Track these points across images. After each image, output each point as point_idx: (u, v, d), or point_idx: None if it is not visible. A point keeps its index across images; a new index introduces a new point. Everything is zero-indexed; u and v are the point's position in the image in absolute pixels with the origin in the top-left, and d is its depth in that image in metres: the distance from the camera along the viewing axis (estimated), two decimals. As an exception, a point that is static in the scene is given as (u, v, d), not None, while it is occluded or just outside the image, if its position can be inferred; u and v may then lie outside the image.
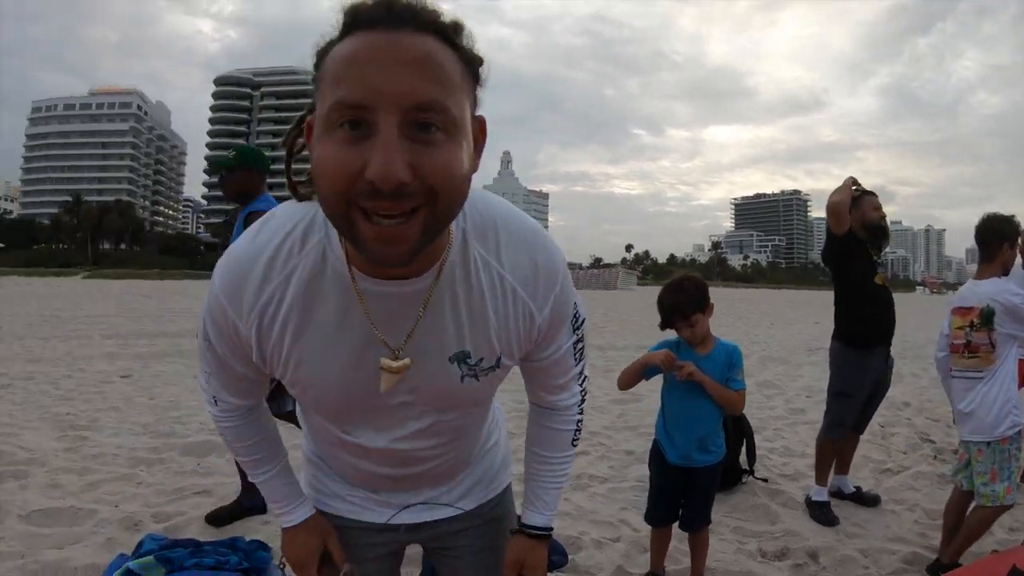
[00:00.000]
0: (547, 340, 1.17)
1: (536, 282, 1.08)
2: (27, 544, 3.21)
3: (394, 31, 0.82)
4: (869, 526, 3.77)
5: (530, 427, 1.39)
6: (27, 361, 9.08)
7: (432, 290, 1.02)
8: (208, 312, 1.09)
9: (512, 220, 1.08)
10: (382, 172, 0.78)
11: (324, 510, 1.39)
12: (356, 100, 0.80)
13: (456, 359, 1.09)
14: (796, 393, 7.99)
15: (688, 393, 2.82)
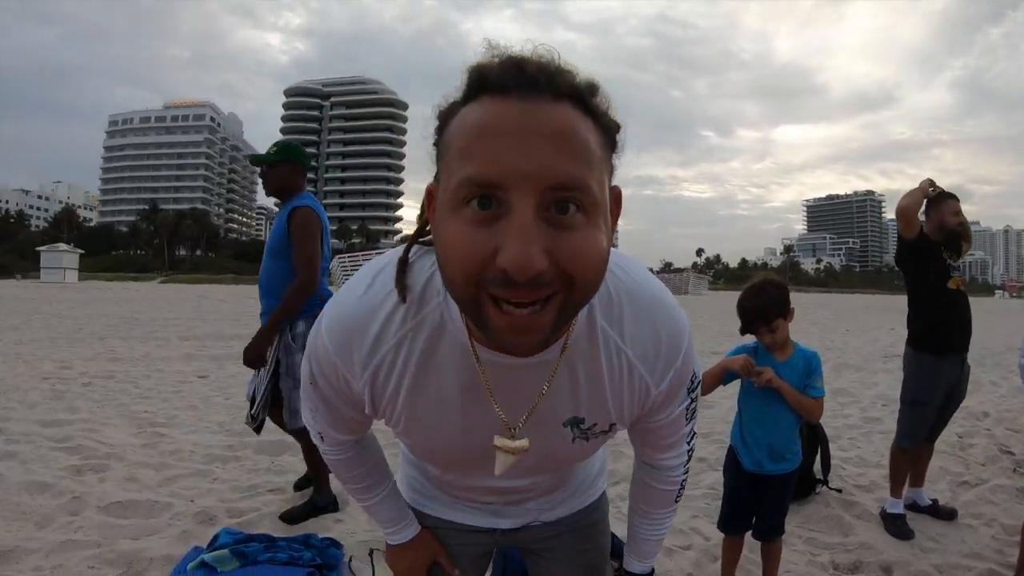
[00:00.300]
0: (661, 407, 1.12)
1: (656, 358, 1.03)
2: (104, 534, 3.31)
3: (528, 100, 0.75)
4: (945, 541, 3.62)
5: (634, 480, 1.37)
6: (107, 361, 9.41)
7: (557, 365, 0.97)
8: (316, 359, 1.05)
9: (638, 291, 1.02)
10: (518, 261, 0.71)
11: (421, 510, 1.40)
12: (489, 179, 0.73)
13: (570, 423, 1.06)
14: (871, 401, 7.75)
15: (766, 399, 2.77)
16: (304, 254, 3.43)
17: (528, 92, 0.75)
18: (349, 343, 0.99)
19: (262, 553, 2.42)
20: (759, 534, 2.90)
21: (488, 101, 0.77)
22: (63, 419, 5.64)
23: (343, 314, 1.00)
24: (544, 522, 1.41)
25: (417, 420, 1.04)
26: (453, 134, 0.79)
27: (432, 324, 0.97)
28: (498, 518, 1.38)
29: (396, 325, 0.97)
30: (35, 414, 5.85)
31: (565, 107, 0.76)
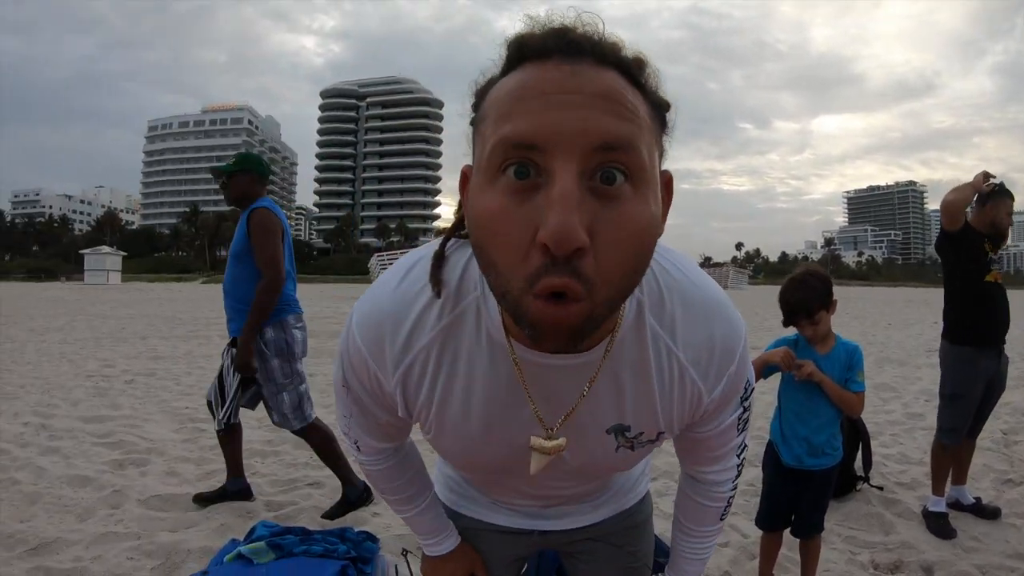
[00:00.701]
0: (713, 416, 1.04)
1: (710, 363, 0.95)
2: (144, 527, 3.38)
3: (571, 62, 0.69)
4: (988, 540, 3.53)
5: (680, 493, 1.29)
6: (149, 359, 9.60)
7: (600, 367, 0.90)
8: (348, 359, 0.99)
9: (692, 291, 0.94)
10: (557, 234, 0.63)
11: (457, 510, 1.35)
12: (526, 137, 0.66)
13: (614, 431, 0.98)
14: (914, 397, 7.61)
15: (806, 394, 2.73)
16: (265, 254, 3.46)
17: (571, 55, 0.69)
18: (381, 340, 0.93)
19: (298, 546, 2.43)
20: (798, 531, 2.85)
21: (528, 67, 0.71)
22: (105, 415, 5.77)
23: (376, 309, 0.94)
24: (584, 525, 1.34)
25: (451, 422, 0.98)
26: (490, 103, 0.73)
27: (468, 320, 0.91)
28: (537, 520, 1.32)
29: (431, 322, 0.91)
30: (78, 411, 5.99)
31: (611, 72, 0.70)
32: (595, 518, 1.34)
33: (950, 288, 3.86)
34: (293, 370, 3.60)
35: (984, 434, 5.47)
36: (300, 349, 3.65)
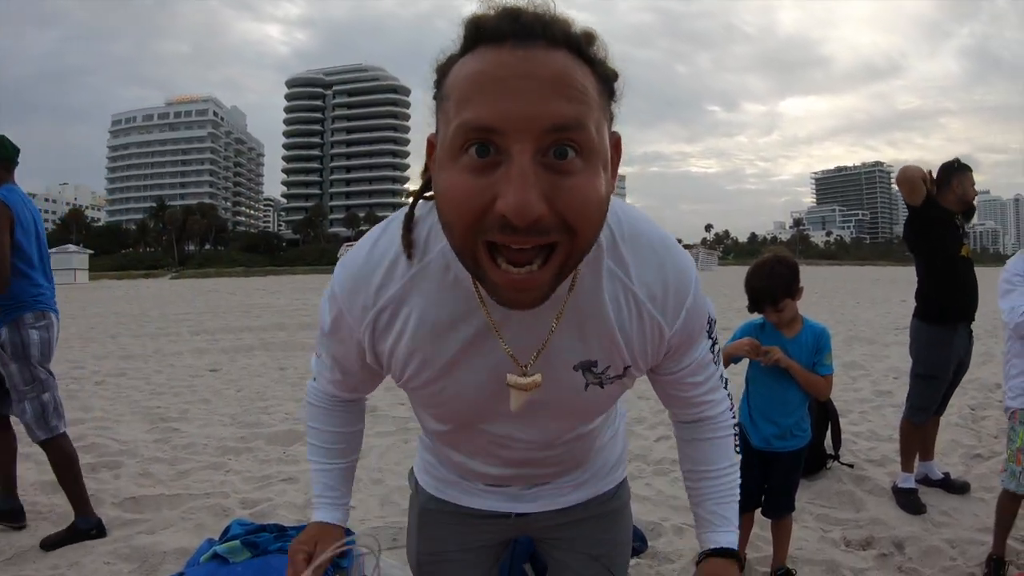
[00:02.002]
0: (682, 351, 1.10)
1: (666, 298, 1.01)
2: (119, 530, 3.36)
3: (524, 46, 0.75)
4: (957, 515, 3.61)
5: (683, 449, 1.29)
6: (119, 358, 9.49)
7: (565, 303, 0.96)
8: (327, 308, 1.08)
9: (642, 233, 1.01)
10: (517, 206, 0.71)
11: (438, 496, 1.38)
12: (485, 123, 0.73)
13: (582, 367, 1.03)
14: (883, 374, 7.73)
15: (774, 377, 2.76)
16: None
17: (524, 40, 0.75)
18: (356, 293, 1.01)
19: (272, 543, 2.42)
20: (769, 511, 2.89)
21: (484, 50, 0.76)
22: (77, 418, 5.68)
23: (352, 267, 1.03)
24: (559, 508, 1.36)
25: (425, 367, 1.03)
26: (451, 85, 0.79)
27: (436, 268, 0.97)
28: (514, 502, 1.34)
29: (400, 272, 0.98)
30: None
31: (561, 53, 0.76)
32: (572, 500, 1.35)
33: (930, 267, 3.88)
34: (34, 376, 3.24)
35: (952, 410, 5.59)
36: (38, 351, 3.26)
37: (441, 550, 1.40)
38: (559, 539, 1.40)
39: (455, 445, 1.27)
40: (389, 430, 5.33)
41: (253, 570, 2.30)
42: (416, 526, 1.44)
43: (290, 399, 6.54)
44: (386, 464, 4.41)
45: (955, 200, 3.78)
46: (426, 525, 1.42)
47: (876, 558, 3.14)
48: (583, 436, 1.24)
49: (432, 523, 1.41)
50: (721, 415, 1.23)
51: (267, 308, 19.40)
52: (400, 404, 6.31)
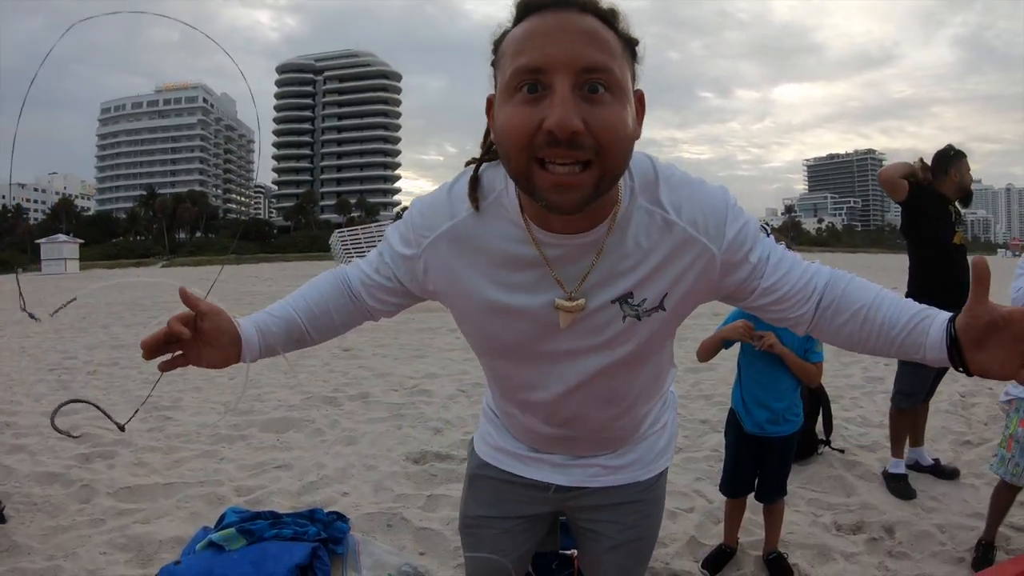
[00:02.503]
0: (750, 267, 1.15)
1: (707, 221, 1.13)
2: (115, 520, 3.36)
3: (562, 11, 0.96)
4: (947, 500, 3.65)
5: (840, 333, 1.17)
6: (111, 348, 9.47)
7: (604, 240, 1.11)
8: (399, 229, 1.26)
9: (673, 175, 1.15)
10: (559, 122, 0.91)
11: (489, 461, 1.51)
12: (534, 65, 0.94)
13: (619, 300, 1.15)
14: (874, 361, 7.74)
15: (766, 363, 2.79)
16: None
17: (561, 6, 0.96)
18: (429, 216, 1.21)
19: (268, 530, 2.44)
20: (761, 496, 2.92)
21: (532, 18, 0.98)
22: (70, 408, 5.67)
23: (430, 200, 1.23)
24: (598, 487, 1.44)
25: (478, 292, 1.19)
26: (506, 45, 1.01)
27: (493, 209, 1.16)
28: (555, 473, 1.44)
29: (465, 209, 1.17)
30: (42, 406, 5.89)
31: (590, 17, 0.97)
32: (611, 481, 1.44)
33: (918, 253, 3.92)
34: None
35: (942, 397, 5.63)
36: None
37: (485, 515, 1.52)
38: (592, 520, 1.49)
39: (510, 391, 1.37)
40: (382, 416, 5.34)
41: (249, 557, 2.32)
42: (466, 490, 1.59)
43: (283, 386, 6.54)
44: (379, 451, 4.42)
45: (953, 188, 3.83)
46: (473, 489, 1.56)
47: (866, 542, 3.17)
48: (631, 395, 1.33)
49: (479, 488, 1.55)
50: (833, 274, 1.19)
51: (259, 295, 19.32)
52: (393, 391, 6.33)
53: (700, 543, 3.11)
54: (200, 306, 1.18)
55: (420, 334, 10.57)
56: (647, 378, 1.34)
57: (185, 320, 1.16)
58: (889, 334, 1.11)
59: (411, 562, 2.69)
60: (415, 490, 3.77)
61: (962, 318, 1.00)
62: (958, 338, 1.01)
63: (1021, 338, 0.95)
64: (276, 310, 1.30)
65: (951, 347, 1.02)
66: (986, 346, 0.98)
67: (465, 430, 4.93)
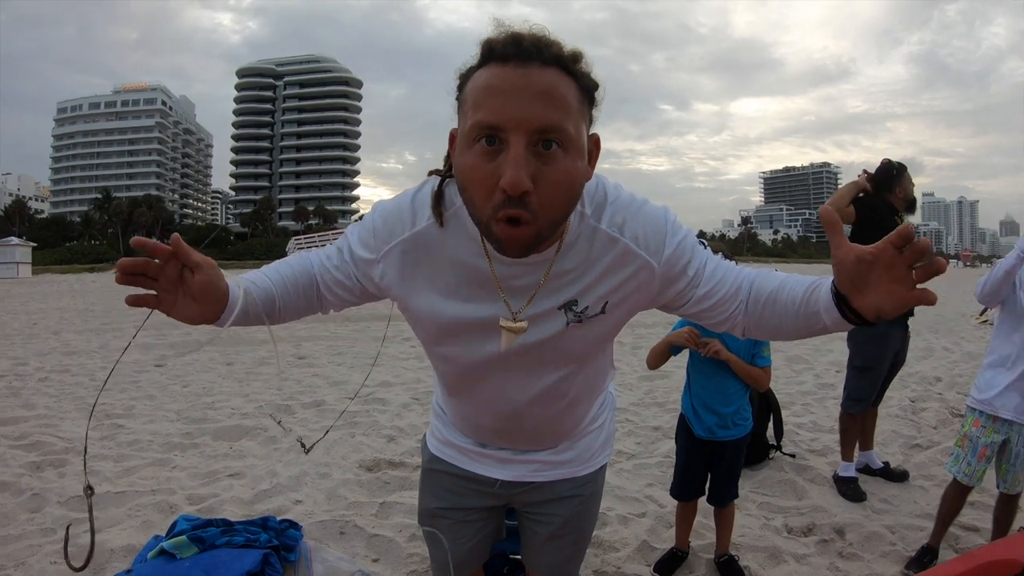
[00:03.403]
0: (689, 276, 1.24)
1: (647, 238, 1.20)
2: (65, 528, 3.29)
3: (523, 66, 1.00)
4: (897, 502, 3.75)
5: (766, 320, 1.24)
6: (63, 354, 9.26)
7: (553, 263, 1.19)
8: (359, 230, 1.30)
9: (619, 197, 1.23)
10: (511, 182, 0.97)
11: (437, 455, 1.61)
12: (493, 123, 0.99)
13: (564, 307, 1.23)
14: (825, 368, 7.93)
15: (714, 368, 2.83)
16: None
17: (523, 60, 1.00)
18: (390, 223, 1.25)
19: (219, 537, 2.41)
20: (713, 499, 2.97)
21: (494, 67, 1.02)
22: (20, 416, 5.55)
23: (392, 205, 1.27)
24: (541, 482, 1.54)
25: (431, 296, 1.25)
26: (468, 91, 1.05)
27: (452, 221, 1.21)
28: (500, 468, 1.53)
29: (426, 217, 1.22)
30: (-10, 413, 5.75)
31: (552, 71, 1.01)
32: (552, 476, 1.54)
33: None
34: None
35: (892, 402, 5.78)
36: None
37: (439, 507, 1.62)
38: (535, 513, 1.61)
39: (457, 388, 1.44)
40: (336, 424, 5.31)
41: (201, 565, 2.29)
42: (421, 484, 1.68)
43: (237, 394, 6.47)
44: (332, 459, 4.39)
45: (900, 201, 4.00)
46: (427, 483, 1.65)
47: (817, 544, 3.23)
48: (572, 397, 1.40)
49: (432, 482, 1.64)
50: (759, 273, 1.28)
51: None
52: (347, 399, 6.28)
53: (652, 547, 3.15)
54: (192, 257, 1.12)
55: (375, 343, 10.54)
56: (588, 378, 1.42)
57: (164, 253, 1.09)
58: (794, 310, 1.17)
59: (364, 569, 2.68)
60: (368, 498, 3.76)
61: (835, 268, 1.05)
62: (840, 291, 1.06)
63: (893, 264, 0.98)
64: (257, 279, 1.30)
65: (838, 304, 1.07)
66: (868, 287, 1.02)
67: (418, 438, 4.91)
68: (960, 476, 2.94)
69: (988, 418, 2.89)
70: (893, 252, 0.97)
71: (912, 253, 0.95)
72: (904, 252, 0.96)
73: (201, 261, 1.13)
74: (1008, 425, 2.86)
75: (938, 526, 3.08)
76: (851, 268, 1.01)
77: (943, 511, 3.06)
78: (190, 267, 1.13)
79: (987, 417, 2.90)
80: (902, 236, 0.94)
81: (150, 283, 1.10)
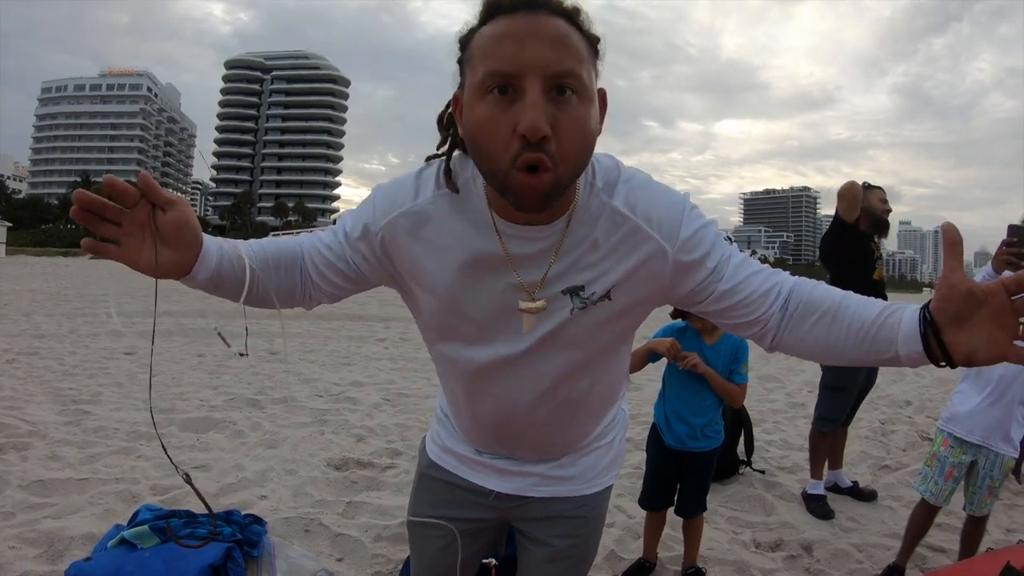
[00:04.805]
0: (707, 269, 1.14)
1: (662, 218, 1.14)
2: (26, 513, 3.24)
3: (532, 14, 0.98)
4: (865, 521, 3.77)
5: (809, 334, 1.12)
6: (32, 337, 9.11)
7: (564, 236, 1.13)
8: (356, 211, 1.24)
9: (635, 175, 1.18)
10: (531, 126, 0.93)
11: (435, 461, 1.52)
12: (508, 70, 0.96)
13: (570, 291, 1.17)
14: (797, 387, 7.99)
15: (690, 380, 2.83)
16: None
17: (531, 9, 0.99)
18: (392, 198, 1.19)
19: (182, 529, 2.37)
20: (681, 511, 2.96)
21: (502, 19, 1.00)
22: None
23: (394, 184, 1.21)
24: (542, 497, 1.43)
25: (439, 278, 1.18)
26: (475, 45, 1.02)
27: (461, 197, 1.15)
28: (500, 479, 1.43)
29: (431, 191, 1.17)
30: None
31: (559, 19, 0.99)
32: (554, 492, 1.43)
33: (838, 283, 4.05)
34: None
35: (862, 423, 5.82)
36: None
37: (431, 515, 1.52)
38: (533, 530, 1.49)
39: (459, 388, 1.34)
40: (305, 421, 5.26)
41: (161, 555, 2.26)
42: (414, 488, 1.60)
43: (206, 386, 6.40)
44: (299, 455, 4.35)
45: (866, 221, 3.96)
46: (421, 488, 1.57)
47: (785, 559, 3.24)
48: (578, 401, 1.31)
49: (426, 487, 1.55)
50: (799, 279, 1.18)
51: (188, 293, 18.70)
52: (318, 396, 6.25)
53: (620, 557, 3.13)
54: (163, 195, 1.00)
55: (348, 342, 10.48)
56: (597, 382, 1.31)
57: (133, 198, 0.99)
58: (859, 332, 1.05)
59: (327, 568, 2.65)
60: (335, 496, 3.72)
61: (938, 293, 0.94)
62: (934, 320, 0.95)
63: (1004, 311, 0.90)
64: (231, 246, 1.15)
65: (925, 333, 0.96)
66: (968, 324, 0.92)
67: (388, 438, 4.89)
68: (927, 495, 2.96)
69: (956, 439, 2.92)
70: (1005, 296, 0.90)
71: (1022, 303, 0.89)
72: (1015, 300, 0.89)
73: (173, 198, 1.01)
74: (976, 448, 2.88)
75: (905, 545, 3.10)
76: (961, 299, 0.92)
77: (910, 530, 3.09)
78: (160, 206, 1.00)
79: (955, 438, 2.93)
80: (1019, 282, 0.88)
81: (112, 228, 1.01)
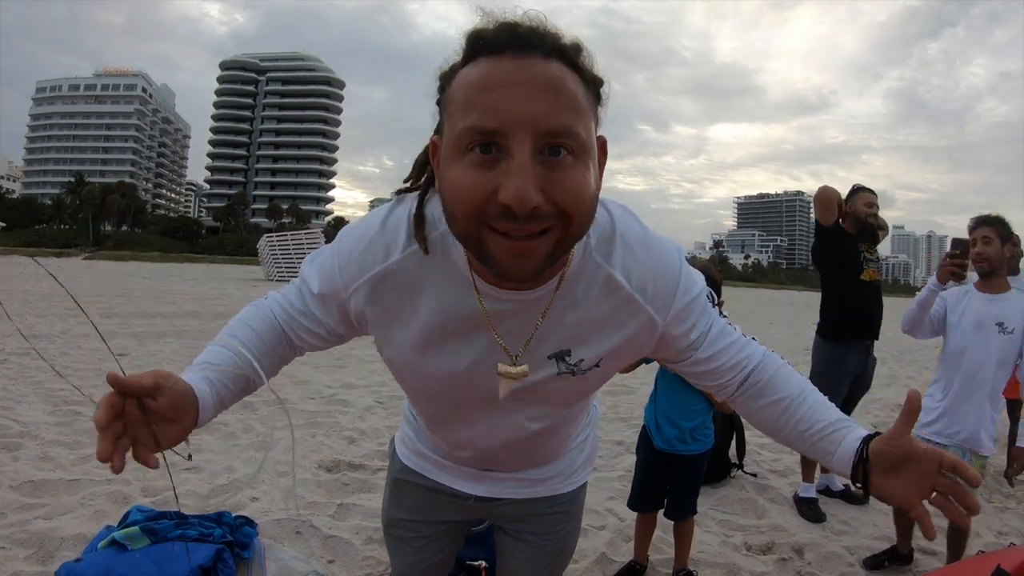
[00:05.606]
0: (692, 340, 1.13)
1: (656, 290, 1.07)
2: (16, 514, 3.23)
3: (522, 57, 0.83)
4: (856, 524, 3.78)
5: (761, 416, 1.19)
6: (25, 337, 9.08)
7: (552, 300, 1.03)
8: (319, 264, 1.13)
9: (630, 231, 1.07)
10: (517, 196, 0.79)
11: (410, 466, 1.47)
12: (490, 127, 0.81)
13: (556, 356, 1.09)
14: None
15: (682, 382, 2.83)
16: None
17: (521, 51, 0.83)
18: (366, 252, 1.06)
19: (172, 530, 2.37)
20: (671, 513, 2.97)
21: (485, 60, 0.84)
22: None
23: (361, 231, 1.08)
24: (518, 499, 1.43)
25: (413, 339, 1.09)
26: (455, 90, 0.87)
27: (435, 250, 1.03)
28: (477, 484, 1.40)
29: (404, 243, 1.04)
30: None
31: (554, 63, 0.84)
32: (533, 494, 1.43)
33: (827, 286, 4.10)
34: None
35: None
36: None
37: (407, 519, 1.50)
38: (515, 530, 1.49)
39: (433, 422, 1.32)
40: (297, 423, 5.26)
41: (152, 557, 2.25)
42: (388, 492, 1.55)
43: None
44: (291, 458, 4.34)
45: (851, 225, 3.98)
46: (396, 493, 1.52)
47: (776, 562, 3.25)
48: (553, 430, 1.29)
49: (402, 491, 1.50)
50: (766, 356, 1.20)
51: (181, 295, 18.93)
52: (310, 399, 6.24)
53: (610, 560, 3.14)
54: (143, 382, 0.92)
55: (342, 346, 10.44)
56: (573, 414, 1.32)
57: (116, 408, 0.91)
58: (804, 432, 1.13)
59: (318, 569, 2.65)
60: (326, 498, 3.72)
61: (882, 443, 1.01)
62: (869, 459, 1.02)
63: (928, 475, 0.97)
64: (215, 359, 1.09)
65: (858, 464, 1.03)
66: (895, 475, 1.00)
67: (380, 441, 4.90)
68: None
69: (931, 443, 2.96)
70: (936, 465, 0.96)
71: (946, 484, 0.96)
72: (942, 475, 0.96)
73: (153, 383, 0.93)
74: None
75: (900, 533, 3.23)
76: (898, 457, 0.99)
77: (899, 521, 3.23)
78: (147, 395, 0.93)
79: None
80: (955, 466, 0.95)
81: (125, 441, 0.93)
